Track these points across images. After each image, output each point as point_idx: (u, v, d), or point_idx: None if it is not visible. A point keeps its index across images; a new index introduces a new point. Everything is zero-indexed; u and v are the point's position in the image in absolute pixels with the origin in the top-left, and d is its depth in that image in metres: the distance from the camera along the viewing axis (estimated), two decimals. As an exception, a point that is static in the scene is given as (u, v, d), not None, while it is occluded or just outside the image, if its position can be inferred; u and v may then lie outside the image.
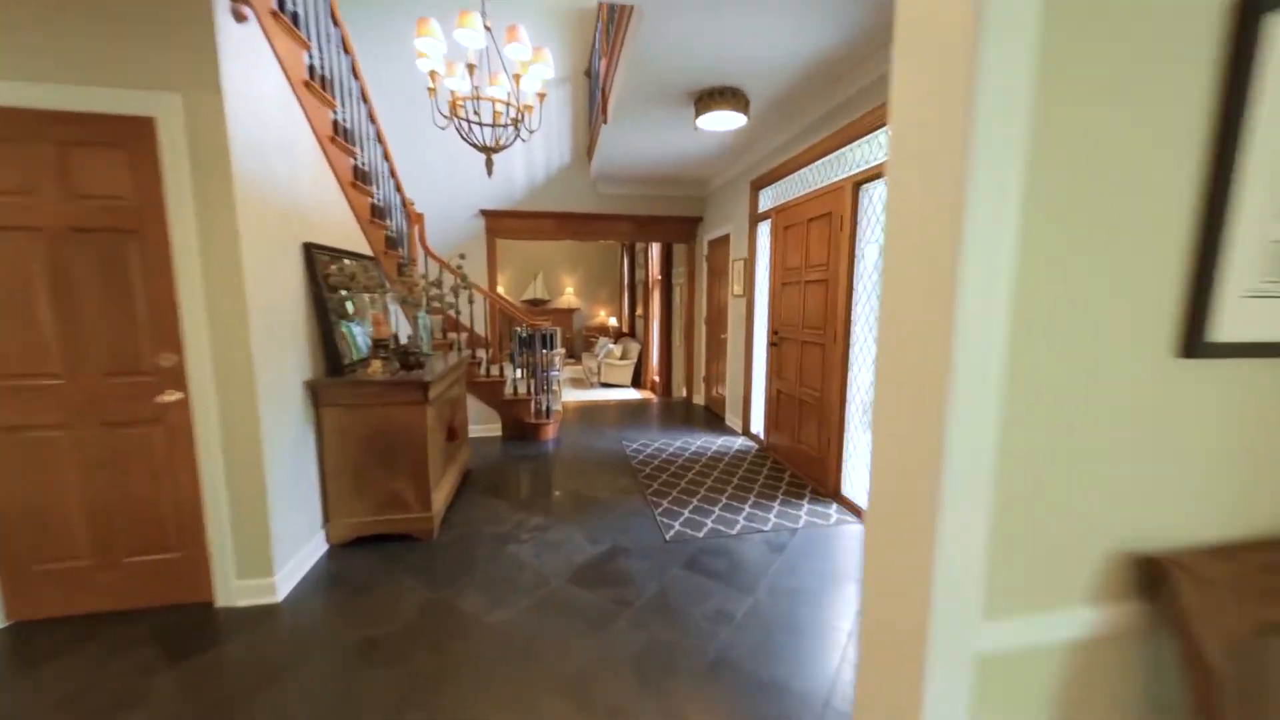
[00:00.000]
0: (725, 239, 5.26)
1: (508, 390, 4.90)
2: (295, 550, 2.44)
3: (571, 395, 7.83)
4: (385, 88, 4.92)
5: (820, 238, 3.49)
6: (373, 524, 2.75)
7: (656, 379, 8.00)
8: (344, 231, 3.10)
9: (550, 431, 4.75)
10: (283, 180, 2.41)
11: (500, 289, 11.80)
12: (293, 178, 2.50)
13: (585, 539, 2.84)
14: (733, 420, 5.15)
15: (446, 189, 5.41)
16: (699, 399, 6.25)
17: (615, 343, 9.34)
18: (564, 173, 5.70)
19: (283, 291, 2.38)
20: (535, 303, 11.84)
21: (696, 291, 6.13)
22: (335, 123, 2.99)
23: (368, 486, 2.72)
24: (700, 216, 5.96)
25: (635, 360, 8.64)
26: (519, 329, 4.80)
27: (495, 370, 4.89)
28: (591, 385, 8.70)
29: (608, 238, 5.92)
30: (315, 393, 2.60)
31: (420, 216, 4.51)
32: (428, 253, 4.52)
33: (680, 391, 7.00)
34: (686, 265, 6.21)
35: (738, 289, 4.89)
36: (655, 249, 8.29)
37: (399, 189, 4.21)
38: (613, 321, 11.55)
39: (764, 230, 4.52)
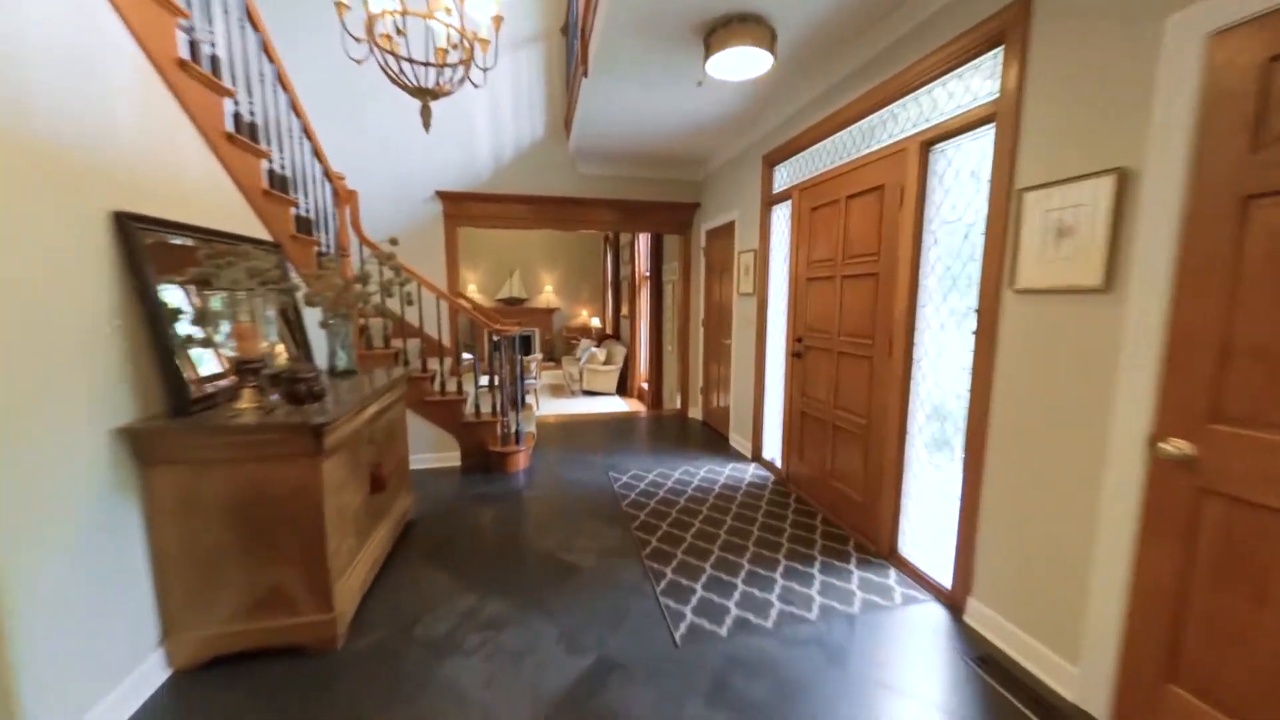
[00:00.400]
0: (729, 228, 4.43)
1: (468, 410, 3.99)
2: (103, 688, 1.52)
3: (550, 406, 6.92)
4: (323, 33, 3.95)
5: (866, 219, 2.66)
6: (240, 636, 1.82)
7: (645, 386, 7.14)
8: (212, 203, 2.16)
9: (521, 461, 3.85)
10: (64, 112, 1.48)
11: (471, 287, 10.80)
12: (90, 113, 1.57)
13: (560, 643, 1.96)
14: (739, 441, 4.32)
15: (394, 165, 4.46)
16: (696, 413, 5.41)
17: (598, 346, 8.46)
18: (538, 150, 4.79)
19: (56, 285, 1.45)
20: (512, 302, 10.87)
21: (692, 290, 5.28)
22: (192, 44, 2.05)
23: (231, 580, 1.79)
24: (697, 203, 5.11)
25: (621, 365, 7.76)
26: (494, 337, 3.88)
27: (457, 385, 3.97)
28: (572, 393, 7.79)
29: (589, 227, 5.03)
30: (138, 445, 1.67)
31: (352, 195, 3.56)
32: (363, 241, 3.57)
33: (673, 402, 6.14)
34: (680, 260, 5.35)
35: (746, 286, 4.06)
36: (643, 241, 7.41)
37: (319, 156, 3.26)
38: (595, 322, 10.65)
39: (780, 215, 3.69)
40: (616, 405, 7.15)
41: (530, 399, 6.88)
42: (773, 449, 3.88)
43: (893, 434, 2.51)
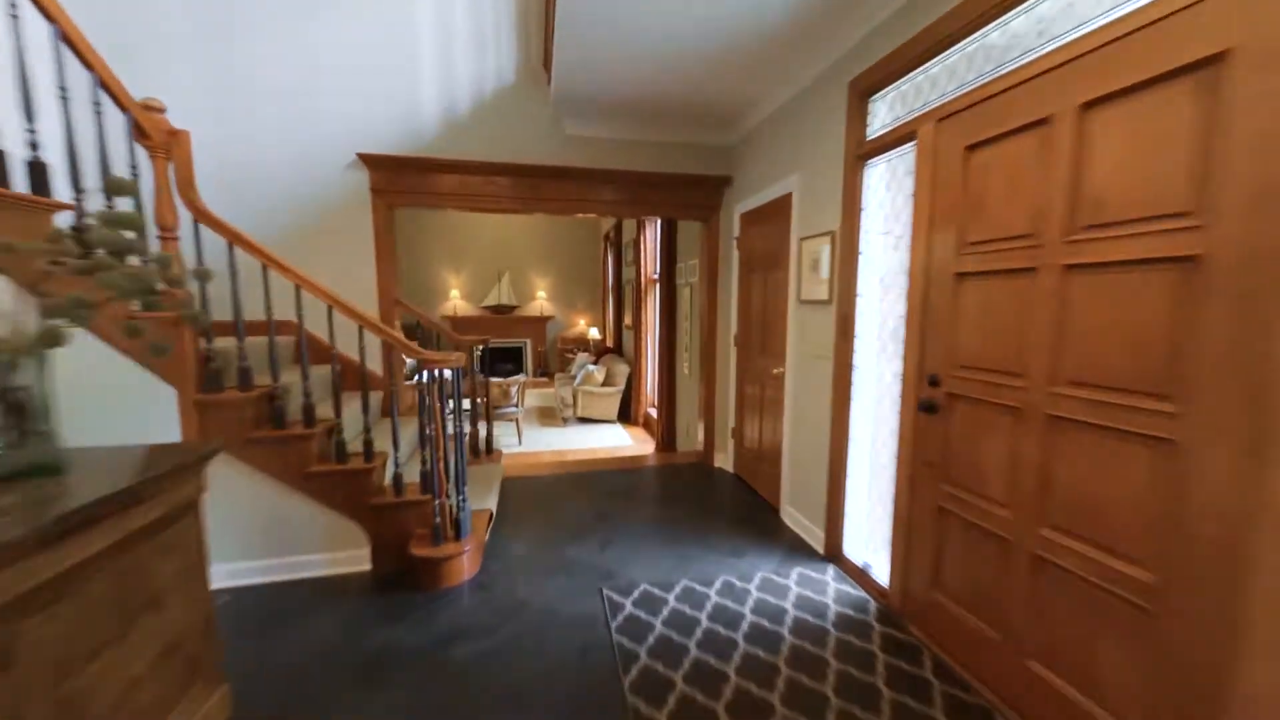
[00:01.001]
0: (779, 207, 3.00)
1: (386, 481, 2.54)
2: None
3: (535, 438, 5.45)
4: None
5: (1159, 138, 1.21)
6: None
7: (653, 413, 5.68)
8: None
9: (462, 568, 2.39)
10: None
11: (454, 293, 9.38)
12: None
13: None
14: (800, 521, 2.86)
15: (289, 113, 3.04)
16: (725, 462, 3.95)
17: (596, 362, 7.01)
18: (506, 100, 3.37)
19: None
20: (500, 309, 9.45)
21: (720, 295, 3.84)
22: None
23: None
24: (727, 177, 3.68)
25: (623, 388, 6.30)
26: (421, 372, 2.42)
27: (364, 444, 2.51)
28: (564, 421, 6.33)
29: (580, 208, 3.59)
30: None
31: (179, 138, 2.13)
32: (196, 213, 2.13)
33: (691, 442, 4.68)
34: (703, 255, 3.91)
35: (814, 290, 2.62)
36: (652, 233, 5.98)
37: (87, 61, 1.81)
38: (594, 333, 9.21)
39: (880, 174, 2.26)
40: (618, 438, 5.69)
41: (502, 438, 5.43)
42: (860, 543, 2.42)
43: (1227, 623, 1.06)
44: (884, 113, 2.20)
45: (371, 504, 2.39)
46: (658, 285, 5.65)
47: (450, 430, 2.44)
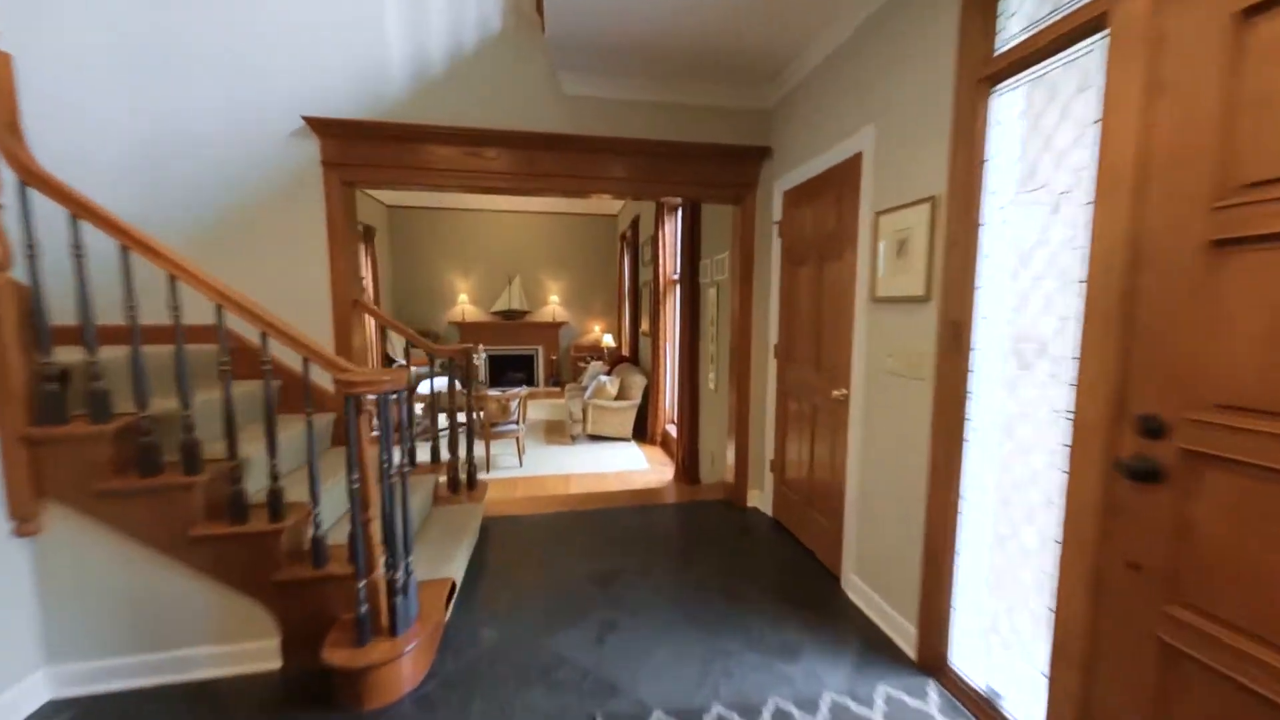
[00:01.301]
0: (843, 174, 2.24)
1: (304, 542, 1.86)
2: None
3: (538, 461, 4.74)
4: None
5: None
6: None
7: (672, 432, 4.94)
8: None
9: (402, 676, 1.67)
10: None
11: (463, 297, 8.82)
12: None
13: None
14: (870, 594, 2.07)
15: (219, 73, 2.42)
16: (762, 502, 3.17)
17: (609, 373, 6.30)
18: (492, 53, 2.70)
19: None
20: (510, 315, 8.84)
21: (756, 294, 3.09)
22: None
23: None
24: (765, 147, 2.94)
25: (639, 401, 5.57)
26: (357, 396, 1.72)
27: (270, 494, 1.83)
28: (574, 438, 5.62)
29: (585, 188, 2.89)
30: None
31: (-3, 63, 1.50)
32: (24, 173, 1.49)
33: (716, 472, 3.91)
34: (736, 247, 3.16)
35: (901, 282, 1.85)
36: (672, 229, 5.27)
37: None
38: (609, 340, 8.52)
39: (1011, 102, 1.47)
40: (632, 459, 4.96)
41: (502, 457, 4.74)
42: (978, 653, 1.64)
43: None
44: (1028, 6, 1.43)
45: (281, 579, 1.71)
46: (678, 286, 4.93)
47: (390, 473, 1.74)
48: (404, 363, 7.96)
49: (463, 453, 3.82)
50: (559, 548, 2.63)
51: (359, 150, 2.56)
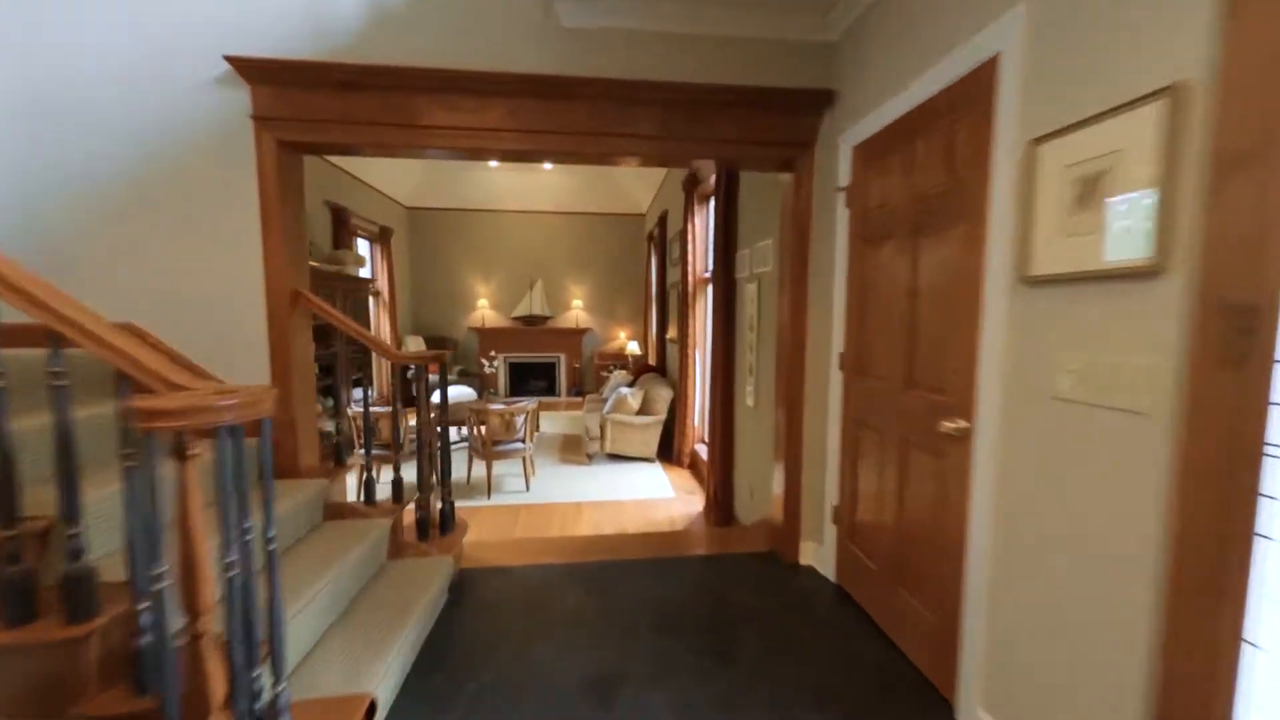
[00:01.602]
0: (962, 96, 1.48)
1: (128, 650, 1.22)
2: None
3: (549, 483, 4.05)
4: None
5: None
6: None
7: (702, 452, 4.22)
8: None
9: None
10: None
11: (482, 302, 8.33)
12: None
13: None
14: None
15: (120, 6, 1.90)
16: (818, 556, 2.38)
17: (632, 385, 5.62)
18: (473, -23, 2.10)
19: None
20: (531, 320, 8.30)
21: (814, 286, 2.33)
22: None
23: None
24: (827, 91, 2.21)
25: (665, 417, 4.86)
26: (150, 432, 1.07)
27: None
28: (590, 458, 4.95)
29: (596, 150, 2.23)
30: None
31: None
32: None
33: (757, 505, 3.14)
34: (787, 223, 2.42)
35: (1100, 247, 1.10)
36: (703, 215, 4.58)
37: None
38: (634, 347, 7.84)
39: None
40: (655, 484, 4.24)
41: (507, 479, 4.09)
42: None
43: None
44: None
45: (88, 715, 1.08)
46: (710, 285, 4.22)
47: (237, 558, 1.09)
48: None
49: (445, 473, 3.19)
50: (549, 625, 1.94)
51: (299, 101, 1.98)
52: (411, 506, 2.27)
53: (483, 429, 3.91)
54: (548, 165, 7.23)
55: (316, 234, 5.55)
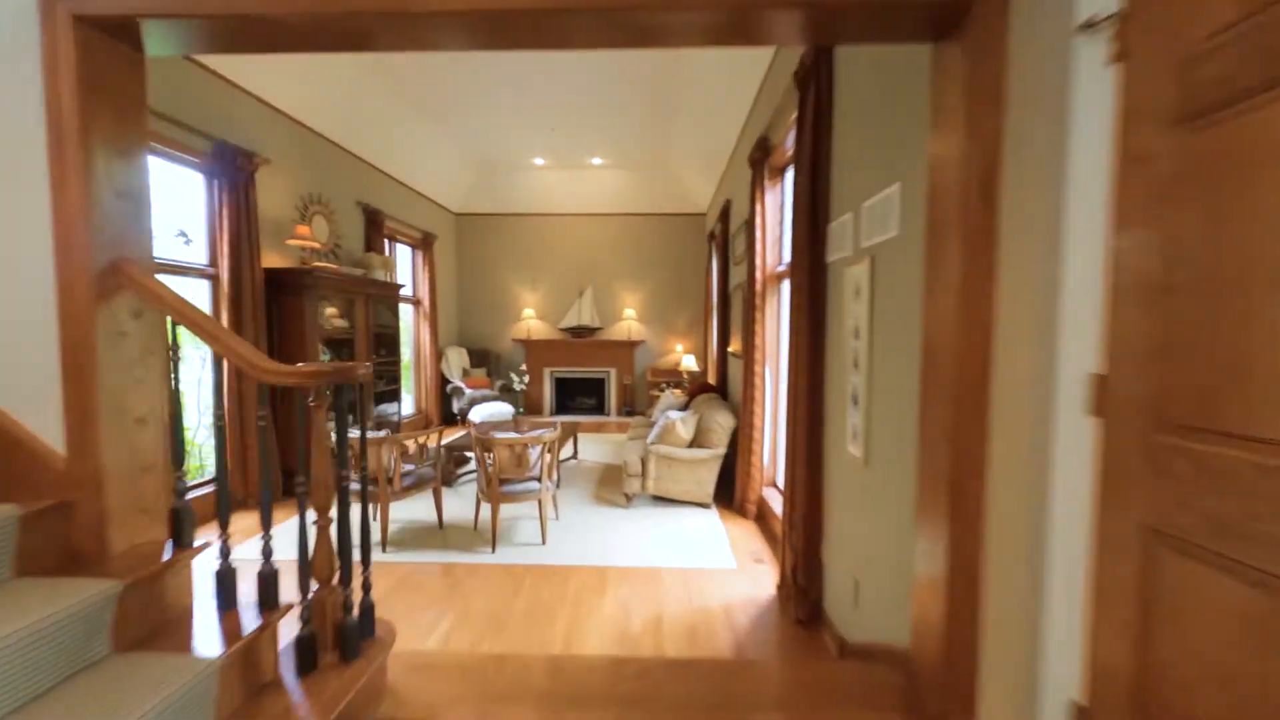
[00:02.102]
0: None
1: None
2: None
3: (572, 535, 2.99)
4: None
5: None
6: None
7: (773, 502, 3.10)
8: None
9: None
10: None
11: (529, 311, 7.67)
12: None
13: None
14: None
15: None
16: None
17: (686, 407, 4.58)
18: None
19: None
20: (580, 331, 7.53)
21: (1007, 254, 1.20)
22: None
23: None
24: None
25: (724, 451, 3.77)
26: None
27: None
28: (631, 499, 3.94)
29: (636, 29, 1.31)
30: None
31: None
32: None
33: (867, 609, 1.97)
34: (944, 149, 1.34)
35: None
36: (774, 195, 3.51)
37: None
38: (690, 362, 6.78)
39: None
40: (709, 544, 3.12)
41: (520, 528, 3.14)
42: None
43: None
44: None
45: None
46: (786, 279, 3.14)
47: None
48: (460, 385, 6.96)
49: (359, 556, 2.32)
50: None
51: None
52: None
53: (489, 461, 3.05)
54: (597, 160, 6.45)
55: (347, 236, 5.08)
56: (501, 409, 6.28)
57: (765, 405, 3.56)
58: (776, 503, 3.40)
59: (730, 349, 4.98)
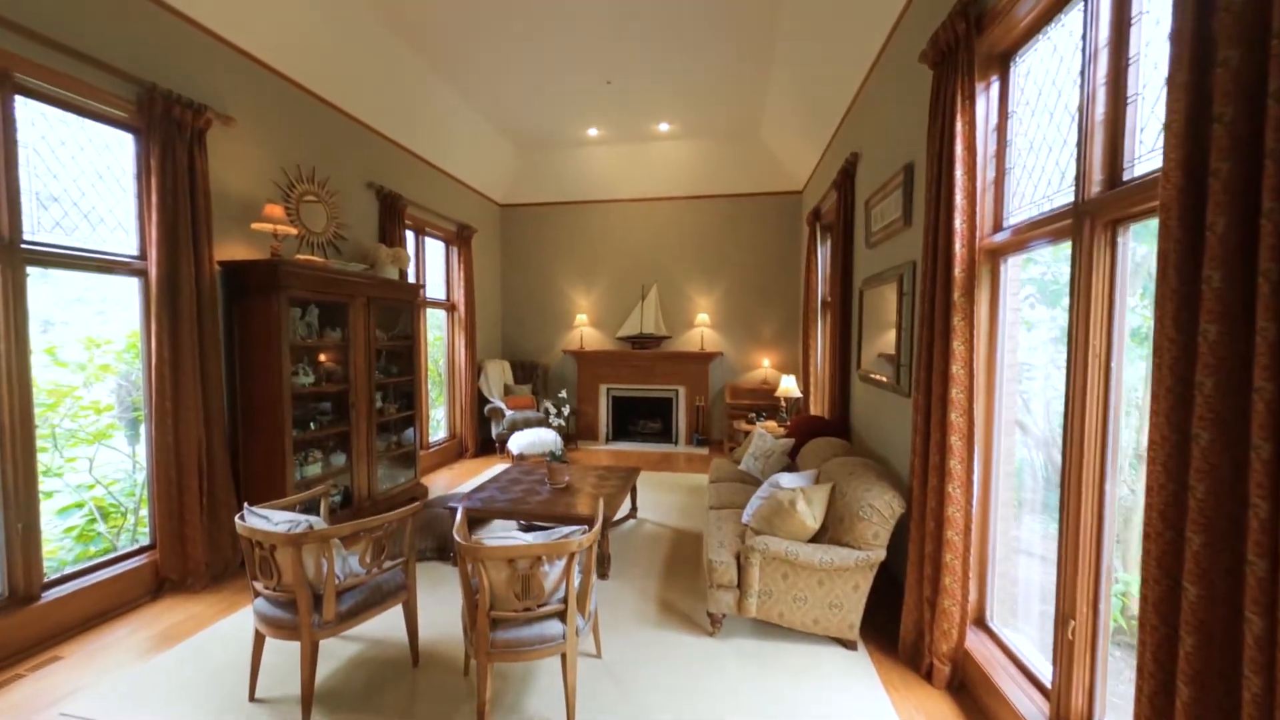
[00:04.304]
0: None
1: None
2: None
3: (619, 691, 1.56)
4: None
5: None
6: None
7: (993, 663, 1.39)
8: None
9: None
10: None
11: (581, 317, 6.36)
12: None
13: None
14: None
15: None
16: None
17: (794, 456, 2.98)
18: None
19: None
20: (643, 341, 6.13)
21: None
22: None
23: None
24: None
25: (881, 557, 2.10)
26: None
27: None
28: (719, 623, 2.35)
29: None
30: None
31: None
32: None
33: None
34: None
35: None
36: (981, 99, 1.81)
37: None
38: (789, 384, 5.10)
39: None
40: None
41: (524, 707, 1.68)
42: None
43: None
44: None
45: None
46: (1014, 254, 1.47)
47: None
48: (500, 404, 5.78)
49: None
50: None
51: None
52: None
53: (479, 585, 1.65)
54: (664, 126, 5.02)
55: (355, 226, 4.00)
56: (546, 437, 4.99)
57: (974, 478, 1.91)
58: (993, 657, 1.75)
59: (861, 370, 3.32)
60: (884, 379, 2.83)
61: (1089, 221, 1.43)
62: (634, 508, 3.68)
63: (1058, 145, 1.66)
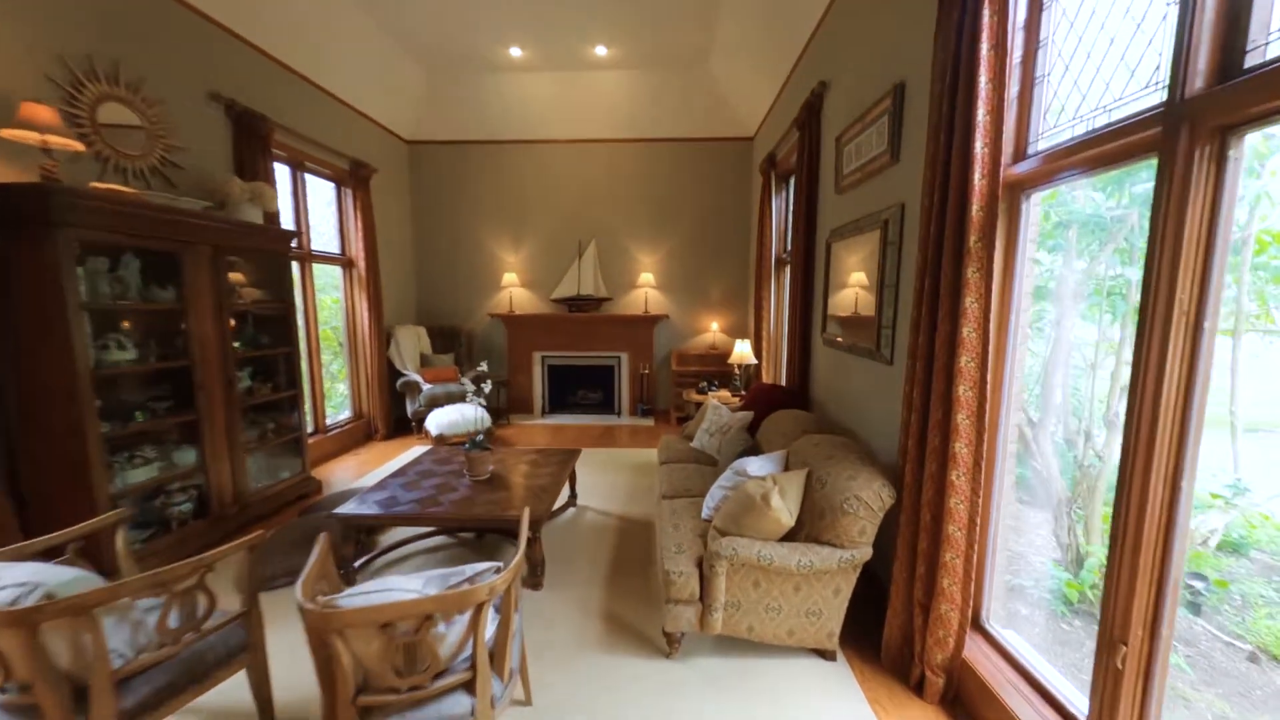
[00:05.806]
0: None
1: None
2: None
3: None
4: None
5: None
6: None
7: (998, 677, 1.09)
8: None
9: None
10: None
11: (510, 276, 5.61)
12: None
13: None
14: None
15: None
16: None
17: (754, 433, 2.60)
18: None
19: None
20: (581, 303, 5.52)
21: None
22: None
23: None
24: None
25: (867, 555, 1.74)
26: None
27: None
28: (676, 643, 1.91)
29: None
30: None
31: None
32: None
33: None
34: None
35: None
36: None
37: None
38: (744, 350, 4.73)
39: None
40: None
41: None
42: None
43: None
44: None
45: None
46: (1031, 192, 1.04)
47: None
48: (415, 377, 5.02)
49: None
50: None
51: None
52: None
53: (348, 658, 1.09)
54: (600, 50, 4.28)
55: (199, 152, 3.03)
56: (470, 414, 4.34)
57: (980, 461, 1.58)
58: (996, 668, 1.48)
59: (826, 335, 2.96)
60: (857, 344, 2.48)
61: (1186, 128, 1.04)
62: (573, 494, 3.21)
63: (1127, 33, 1.25)
